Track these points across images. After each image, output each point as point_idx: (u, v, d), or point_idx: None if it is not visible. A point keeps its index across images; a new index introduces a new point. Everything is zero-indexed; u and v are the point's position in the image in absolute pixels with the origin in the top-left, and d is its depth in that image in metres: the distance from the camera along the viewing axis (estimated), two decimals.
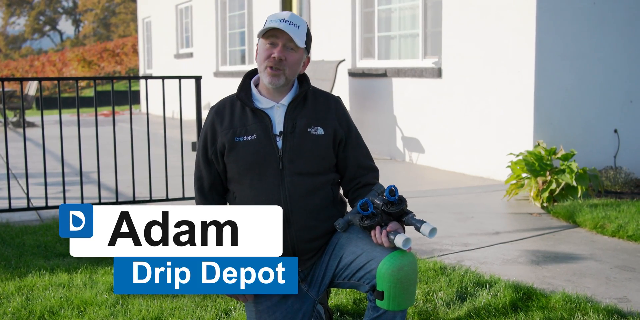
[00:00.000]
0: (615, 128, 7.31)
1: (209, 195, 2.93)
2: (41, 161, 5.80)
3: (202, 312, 3.49)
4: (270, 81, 2.79)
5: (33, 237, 4.99)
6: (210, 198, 2.92)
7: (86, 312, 3.52)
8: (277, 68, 2.77)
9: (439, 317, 3.46)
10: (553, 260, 4.52)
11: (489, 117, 7.41)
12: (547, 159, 6.20)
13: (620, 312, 3.47)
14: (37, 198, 6.06)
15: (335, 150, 2.89)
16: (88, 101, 22.27)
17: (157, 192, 6.19)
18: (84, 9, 54.84)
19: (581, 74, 7.11)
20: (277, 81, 2.79)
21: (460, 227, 5.41)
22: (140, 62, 21.31)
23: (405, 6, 8.96)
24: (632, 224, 5.11)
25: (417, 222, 2.60)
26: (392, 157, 8.97)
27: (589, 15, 7.08)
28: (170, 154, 6.19)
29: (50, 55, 37.45)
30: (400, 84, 8.75)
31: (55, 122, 11.63)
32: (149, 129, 6.07)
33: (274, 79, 2.79)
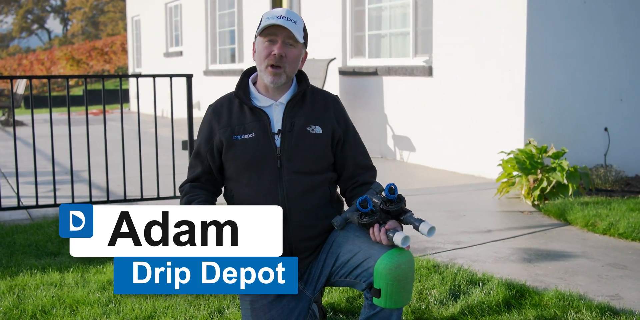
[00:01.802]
0: (605, 126, 7.33)
1: (194, 186, 2.89)
2: (31, 160, 5.77)
3: (195, 310, 3.48)
4: (272, 81, 2.79)
5: (24, 236, 4.96)
6: (197, 188, 2.89)
7: (78, 311, 3.51)
8: (278, 66, 2.76)
9: (432, 315, 3.47)
10: (545, 258, 4.53)
11: (479, 115, 7.43)
12: (538, 157, 6.21)
13: (613, 310, 3.48)
14: (27, 197, 6.03)
15: (333, 149, 2.89)
16: (76, 100, 22.17)
17: (148, 191, 6.17)
18: (72, 7, 54.64)
19: (572, 72, 7.13)
20: (278, 80, 2.79)
21: (452, 225, 5.42)
22: (130, 60, 21.24)
23: (395, 4, 8.96)
24: (623, 222, 5.13)
25: (416, 221, 2.60)
26: (382, 155, 8.98)
27: (580, 14, 7.11)
28: (161, 153, 6.17)
29: (38, 53, 37.31)
30: (390, 83, 8.75)
31: (44, 120, 11.59)
32: (140, 127, 6.05)
33: (276, 78, 2.78)
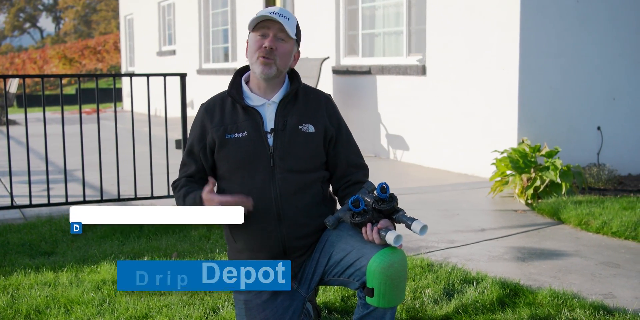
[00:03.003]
0: (598, 125, 7.35)
1: (190, 180, 2.90)
2: (24, 159, 5.75)
3: (190, 310, 3.48)
4: (262, 70, 2.79)
5: (17, 236, 4.95)
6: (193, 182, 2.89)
7: (73, 311, 3.50)
8: (268, 57, 2.77)
9: (427, 313, 3.47)
10: (538, 256, 4.54)
11: (473, 114, 7.44)
12: (531, 156, 6.22)
13: (606, 308, 3.49)
14: (20, 196, 6.01)
15: (326, 148, 2.89)
16: (67, 99, 22.11)
17: (142, 190, 6.16)
18: (65, 6, 54.49)
19: (565, 71, 7.15)
20: (268, 71, 2.79)
21: (446, 224, 5.43)
22: (123, 59, 21.20)
23: (389, 3, 8.97)
24: (616, 221, 5.15)
25: (408, 220, 2.60)
26: (376, 154, 8.98)
27: (573, 13, 7.12)
28: (155, 152, 6.16)
29: (30, 52, 37.22)
30: (384, 82, 8.76)
31: (37, 119, 11.56)
32: (133, 126, 6.03)
33: (266, 68, 2.78)
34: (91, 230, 5.07)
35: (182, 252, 4.53)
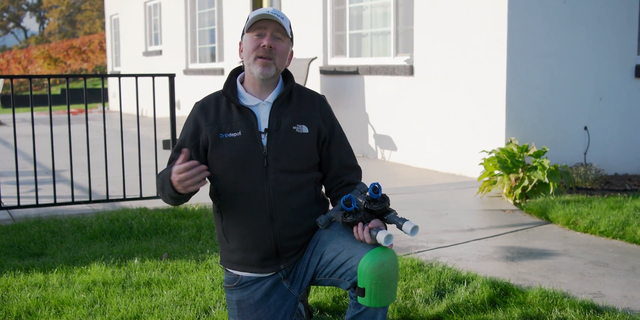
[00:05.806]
0: (585, 125, 7.40)
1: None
2: (11, 160, 5.72)
3: (181, 310, 3.47)
4: (261, 71, 2.78)
5: (6, 237, 4.92)
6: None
7: (63, 312, 3.48)
8: (267, 57, 2.77)
9: (418, 313, 3.48)
10: (527, 256, 4.57)
11: (461, 114, 7.47)
12: (519, 156, 6.26)
13: (596, 307, 3.51)
14: (8, 197, 5.98)
15: (319, 149, 2.89)
16: (53, 99, 21.99)
17: (130, 191, 6.15)
18: (49, 5, 54.16)
19: (552, 71, 7.19)
20: (268, 71, 2.79)
21: (435, 224, 5.45)
22: (108, 59, 21.11)
23: (376, 4, 8.98)
24: (604, 220, 5.18)
25: (399, 220, 2.61)
26: (364, 154, 9.00)
27: (560, 14, 7.16)
28: (143, 153, 6.15)
29: (15, 52, 37.00)
30: (372, 82, 8.77)
31: (22, 120, 11.49)
32: (122, 127, 6.02)
33: (265, 69, 2.78)
34: (80, 231, 5.05)
35: (172, 252, 4.52)
